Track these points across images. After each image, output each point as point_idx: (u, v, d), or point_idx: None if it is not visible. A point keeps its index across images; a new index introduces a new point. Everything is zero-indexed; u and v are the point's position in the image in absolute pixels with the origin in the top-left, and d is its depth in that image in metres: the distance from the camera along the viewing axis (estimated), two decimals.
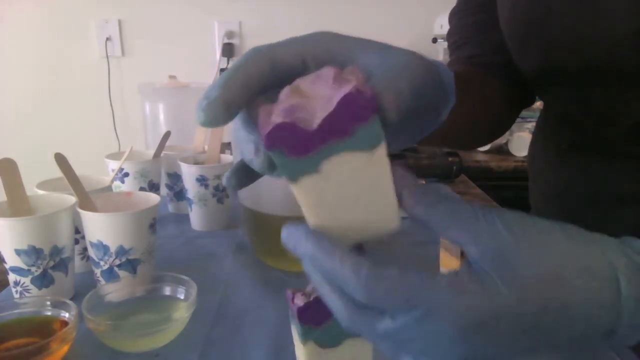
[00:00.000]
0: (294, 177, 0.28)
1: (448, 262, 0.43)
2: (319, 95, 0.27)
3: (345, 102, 0.26)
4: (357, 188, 0.28)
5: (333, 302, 0.28)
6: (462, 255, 0.40)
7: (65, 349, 0.46)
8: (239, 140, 0.32)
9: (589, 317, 0.27)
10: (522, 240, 0.26)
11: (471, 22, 0.64)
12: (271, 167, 0.30)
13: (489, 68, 0.61)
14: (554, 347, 0.28)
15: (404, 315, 0.26)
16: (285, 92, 0.28)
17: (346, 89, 0.26)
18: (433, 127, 0.37)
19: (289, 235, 0.30)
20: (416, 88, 0.29)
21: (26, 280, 0.55)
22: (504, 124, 0.66)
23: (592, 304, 0.26)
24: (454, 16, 0.67)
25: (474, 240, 0.27)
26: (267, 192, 0.62)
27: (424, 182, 0.31)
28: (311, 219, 0.29)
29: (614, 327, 0.27)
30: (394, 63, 0.30)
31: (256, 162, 0.30)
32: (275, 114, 0.27)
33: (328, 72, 0.27)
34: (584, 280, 0.26)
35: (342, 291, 0.28)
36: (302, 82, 0.28)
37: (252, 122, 0.30)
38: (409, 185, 0.28)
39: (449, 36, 0.68)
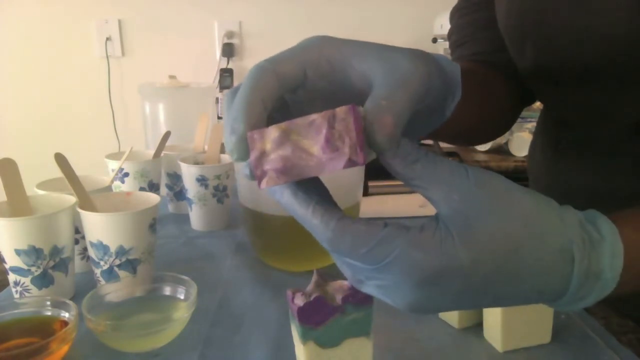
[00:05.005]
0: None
1: None
2: (310, 153, 0.27)
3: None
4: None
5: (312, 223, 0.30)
6: None
7: (65, 349, 0.46)
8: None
9: (537, 285, 0.29)
10: (490, 205, 0.28)
11: (472, 20, 0.64)
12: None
13: (490, 66, 0.61)
14: (501, 305, 0.31)
15: (366, 264, 0.28)
16: (274, 135, 0.28)
17: (339, 161, 0.27)
18: (439, 122, 0.37)
19: (270, 189, 0.31)
20: (417, 96, 0.29)
21: (26, 280, 0.55)
22: (507, 121, 0.66)
23: (542, 274, 0.28)
24: (454, 14, 0.67)
25: (445, 200, 0.28)
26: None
27: None
28: None
29: (560, 296, 0.29)
30: (393, 77, 0.29)
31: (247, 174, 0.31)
32: (269, 165, 0.28)
33: (320, 122, 0.27)
34: (538, 250, 0.28)
35: None
36: (293, 127, 0.28)
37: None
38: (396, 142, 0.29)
39: (450, 35, 0.67)
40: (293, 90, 0.32)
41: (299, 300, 0.38)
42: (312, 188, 0.30)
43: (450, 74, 0.34)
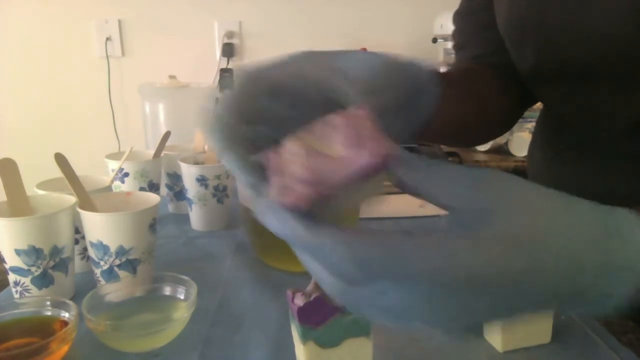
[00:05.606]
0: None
1: None
2: (333, 156, 0.26)
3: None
4: None
5: (324, 278, 0.28)
6: None
7: (65, 349, 0.46)
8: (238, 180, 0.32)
9: (571, 275, 0.27)
10: (507, 199, 0.27)
11: (473, 22, 0.64)
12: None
13: (491, 67, 0.61)
14: (536, 305, 0.28)
15: (382, 278, 0.25)
16: (292, 148, 0.27)
17: (366, 156, 0.25)
18: (417, 125, 0.37)
19: (269, 222, 0.29)
20: (385, 104, 0.30)
21: (26, 280, 0.55)
22: (507, 122, 0.66)
23: (575, 263, 0.26)
24: (456, 17, 0.67)
25: (452, 202, 0.27)
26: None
27: None
28: None
29: (585, 289, 0.27)
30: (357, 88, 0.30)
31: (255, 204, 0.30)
32: (292, 180, 0.26)
33: (338, 122, 0.26)
34: (560, 239, 0.26)
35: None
36: (309, 136, 0.27)
37: (252, 165, 0.30)
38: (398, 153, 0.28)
39: (453, 37, 0.68)
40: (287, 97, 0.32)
41: (299, 300, 0.38)
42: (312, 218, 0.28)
43: (422, 76, 0.34)
